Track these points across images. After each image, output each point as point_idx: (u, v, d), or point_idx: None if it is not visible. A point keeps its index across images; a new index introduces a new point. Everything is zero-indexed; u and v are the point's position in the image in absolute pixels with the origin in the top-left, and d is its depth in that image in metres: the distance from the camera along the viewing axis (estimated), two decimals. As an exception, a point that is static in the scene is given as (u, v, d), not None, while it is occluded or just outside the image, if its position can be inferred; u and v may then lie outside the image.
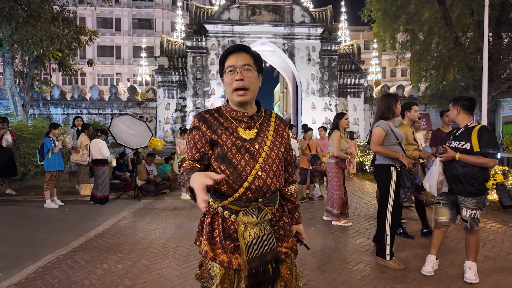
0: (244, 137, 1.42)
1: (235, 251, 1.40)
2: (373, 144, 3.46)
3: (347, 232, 4.68)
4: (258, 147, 1.42)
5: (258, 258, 1.37)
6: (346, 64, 15.81)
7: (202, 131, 1.44)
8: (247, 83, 1.41)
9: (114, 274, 3.29)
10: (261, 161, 1.40)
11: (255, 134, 1.45)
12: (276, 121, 1.56)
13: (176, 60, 15.18)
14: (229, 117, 1.47)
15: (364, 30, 27.75)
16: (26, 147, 8.63)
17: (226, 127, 1.44)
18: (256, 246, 1.37)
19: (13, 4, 9.33)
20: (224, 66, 1.46)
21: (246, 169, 1.39)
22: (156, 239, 4.40)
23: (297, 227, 1.67)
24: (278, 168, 1.48)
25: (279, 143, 1.50)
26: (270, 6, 14.78)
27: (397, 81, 29.85)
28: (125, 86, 20.02)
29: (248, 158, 1.40)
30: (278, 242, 1.46)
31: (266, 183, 1.40)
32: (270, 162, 1.43)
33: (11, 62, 10.82)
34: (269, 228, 1.43)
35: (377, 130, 3.44)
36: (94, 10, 28.24)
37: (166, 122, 15.08)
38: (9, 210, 6.06)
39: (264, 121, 1.51)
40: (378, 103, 3.64)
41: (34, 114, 14.29)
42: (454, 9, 11.83)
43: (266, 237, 1.40)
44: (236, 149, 1.40)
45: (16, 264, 3.56)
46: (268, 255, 1.38)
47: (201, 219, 1.54)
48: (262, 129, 1.48)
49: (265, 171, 1.41)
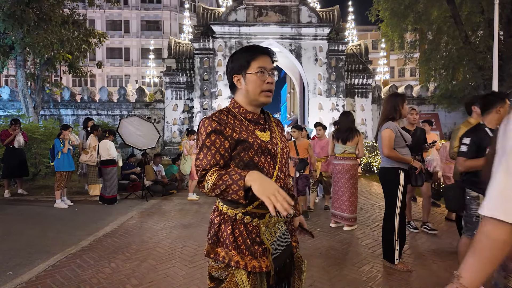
0: (263, 139, 1.43)
1: (263, 254, 1.38)
2: (385, 149, 3.28)
3: (353, 234, 4.66)
4: (276, 148, 1.46)
5: (280, 256, 1.41)
6: (354, 64, 15.71)
7: (225, 135, 1.35)
8: (273, 87, 1.47)
9: (121, 273, 3.34)
10: (279, 162, 1.45)
11: (269, 136, 1.47)
12: (275, 121, 1.61)
13: (183, 61, 15.29)
14: (244, 119, 1.44)
15: (372, 30, 27.54)
16: (37, 148, 8.81)
17: (244, 129, 1.40)
18: (277, 245, 1.41)
19: (25, 8, 9.55)
20: (249, 64, 1.43)
21: (270, 171, 1.41)
22: (163, 239, 4.45)
23: (299, 218, 1.69)
24: (287, 167, 1.55)
25: (285, 142, 1.55)
26: (277, 7, 14.78)
27: (405, 81, 29.54)
28: (134, 87, 20.24)
29: (270, 160, 1.42)
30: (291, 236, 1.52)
31: (285, 183, 1.46)
32: (284, 161, 1.48)
33: (23, 64, 11.06)
34: (284, 225, 1.48)
35: (387, 132, 3.28)
36: (103, 13, 28.67)
37: (173, 123, 15.21)
38: (20, 210, 6.20)
39: (268, 121, 1.55)
40: (384, 103, 3.51)
41: (45, 115, 14.56)
42: (463, 7, 11.66)
43: (283, 234, 1.45)
44: (261, 152, 1.39)
45: (27, 262, 3.64)
46: (286, 251, 1.44)
47: (214, 229, 1.40)
48: (272, 130, 1.52)
49: (282, 171, 1.46)
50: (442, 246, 4.10)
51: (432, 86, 15.46)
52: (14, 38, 10.06)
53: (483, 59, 10.78)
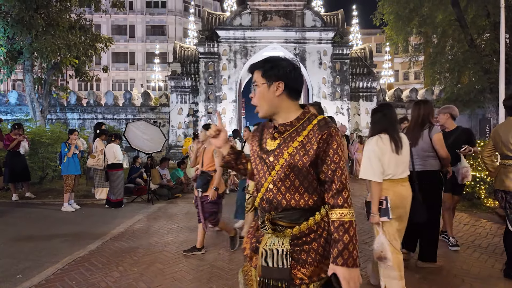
0: (267, 147, 1.44)
1: (256, 250, 1.48)
2: (444, 151, 3.30)
3: (362, 239, 4.63)
4: (273, 159, 1.39)
5: (271, 270, 1.37)
6: (358, 67, 15.71)
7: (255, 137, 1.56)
8: (255, 101, 1.45)
9: (129, 277, 3.35)
10: (273, 174, 1.38)
11: (275, 146, 1.41)
12: (313, 129, 1.36)
13: (188, 65, 15.39)
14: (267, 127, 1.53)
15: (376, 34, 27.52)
16: (44, 152, 8.88)
17: (262, 136, 1.52)
18: (271, 257, 1.38)
19: (33, 13, 9.69)
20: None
21: (262, 179, 1.44)
22: (169, 242, 4.46)
23: (333, 267, 1.27)
24: (295, 184, 1.35)
25: (304, 155, 1.33)
26: (281, 11, 14.85)
27: (410, 84, 29.42)
28: (139, 91, 20.40)
29: (266, 170, 1.42)
30: (297, 265, 1.35)
31: (276, 198, 1.37)
32: (283, 176, 1.35)
33: (31, 69, 11.20)
34: (288, 246, 1.37)
35: (440, 136, 3.33)
36: (109, 18, 28.93)
37: (178, 126, 15.28)
38: (28, 213, 6.25)
39: (297, 130, 1.39)
40: (417, 110, 3.44)
41: (51, 119, 14.70)
42: (468, 11, 11.62)
43: (282, 253, 1.37)
44: (259, 159, 1.46)
45: (36, 266, 3.68)
46: (281, 272, 1.35)
47: None
48: (287, 140, 1.38)
49: (276, 185, 1.37)
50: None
51: (437, 90, 15.39)
52: (22, 43, 10.20)
53: (489, 62, 10.71)
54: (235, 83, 14.91)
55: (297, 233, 1.36)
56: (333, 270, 1.27)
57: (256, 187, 1.51)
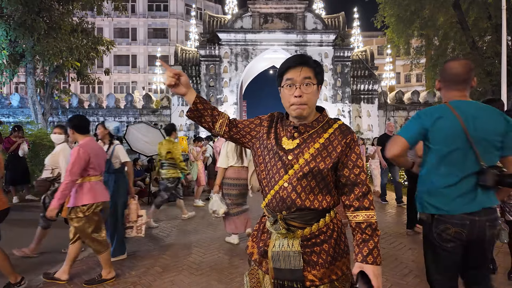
0: (284, 146, 1.40)
1: (265, 254, 1.44)
2: None
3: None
4: (291, 158, 1.36)
5: (285, 272, 1.37)
6: (359, 70, 15.69)
7: (262, 125, 1.51)
8: (305, 99, 1.35)
9: (128, 281, 3.33)
10: (291, 173, 1.35)
11: (295, 145, 1.38)
12: (335, 133, 1.38)
13: (190, 68, 15.43)
14: (284, 125, 1.47)
15: (377, 36, 27.54)
16: (45, 154, 8.87)
17: (276, 132, 1.46)
18: (282, 259, 1.37)
19: (35, 17, 9.75)
20: (282, 78, 1.40)
21: (275, 176, 1.39)
22: (169, 245, 4.44)
23: (361, 265, 1.30)
24: (311, 184, 1.34)
25: (326, 157, 1.35)
26: (282, 14, 14.88)
27: (411, 87, 29.40)
28: (141, 94, 20.45)
29: (280, 167, 1.38)
30: (307, 266, 1.36)
31: (290, 197, 1.34)
32: (301, 176, 1.34)
33: (33, 72, 11.26)
34: (299, 247, 1.36)
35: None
36: (111, 21, 29.11)
37: (179, 129, 15.29)
38: (29, 216, 6.24)
39: (317, 131, 1.40)
40: None
41: (53, 122, 14.74)
42: (470, 13, 11.61)
43: (293, 254, 1.36)
44: (272, 154, 1.41)
45: (34, 269, 3.66)
46: (295, 273, 1.35)
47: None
48: (308, 141, 1.38)
49: (292, 184, 1.34)
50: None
51: (439, 92, 15.34)
52: (25, 46, 10.26)
53: (490, 64, 10.69)
54: (236, 85, 14.92)
55: (307, 234, 1.37)
56: (361, 268, 1.30)
57: (262, 182, 1.46)
